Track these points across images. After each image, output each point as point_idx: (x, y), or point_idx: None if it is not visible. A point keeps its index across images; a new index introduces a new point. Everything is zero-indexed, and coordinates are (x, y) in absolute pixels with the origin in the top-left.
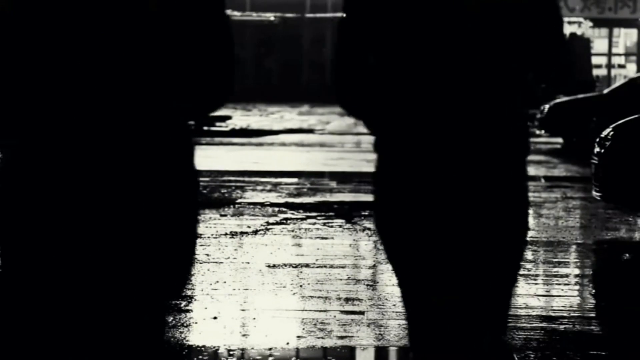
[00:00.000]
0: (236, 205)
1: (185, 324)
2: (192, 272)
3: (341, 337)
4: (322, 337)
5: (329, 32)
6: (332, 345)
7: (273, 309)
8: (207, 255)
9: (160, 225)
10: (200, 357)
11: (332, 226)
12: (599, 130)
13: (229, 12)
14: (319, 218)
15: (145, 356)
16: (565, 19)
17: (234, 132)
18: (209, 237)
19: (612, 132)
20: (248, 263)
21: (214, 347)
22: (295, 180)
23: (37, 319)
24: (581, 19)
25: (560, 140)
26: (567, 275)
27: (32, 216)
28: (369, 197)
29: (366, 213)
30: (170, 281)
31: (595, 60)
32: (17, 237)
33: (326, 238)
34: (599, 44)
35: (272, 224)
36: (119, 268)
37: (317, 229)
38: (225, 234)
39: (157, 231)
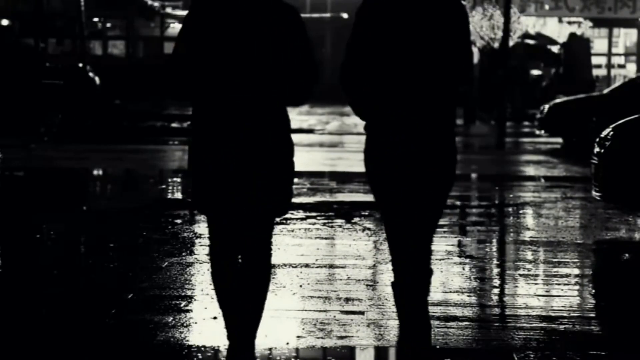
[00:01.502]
0: None
1: (185, 324)
2: (293, 193)
3: (341, 337)
4: (322, 337)
5: (329, 32)
6: (332, 345)
7: (273, 309)
8: (207, 255)
9: (279, 161)
10: (200, 357)
11: (332, 226)
12: (599, 130)
13: None
14: (319, 218)
15: None
16: (565, 19)
17: None
18: (209, 237)
19: (612, 132)
20: None
21: (214, 347)
22: (295, 180)
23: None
24: (581, 19)
25: (560, 140)
26: (567, 275)
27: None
28: (369, 198)
29: (366, 213)
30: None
31: (595, 60)
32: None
33: (326, 238)
34: (599, 44)
35: None
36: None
37: (317, 229)
38: None
39: (277, 166)
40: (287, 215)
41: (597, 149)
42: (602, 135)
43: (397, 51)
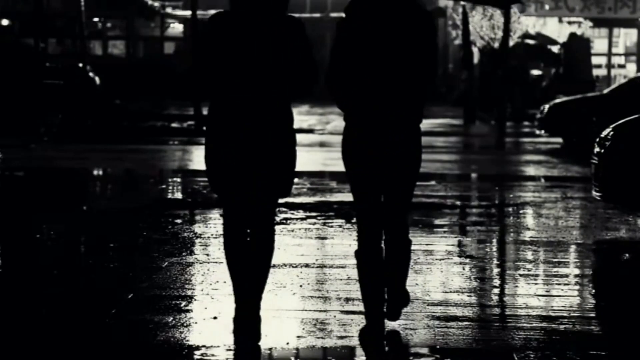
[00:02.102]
0: None
1: (185, 324)
2: (295, 175)
3: (341, 337)
4: (322, 337)
5: (329, 32)
6: (332, 345)
7: (273, 309)
8: (207, 255)
9: (283, 151)
10: (200, 357)
11: (332, 226)
12: (599, 130)
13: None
14: (319, 218)
15: None
16: (565, 19)
17: None
18: (209, 237)
19: (612, 132)
20: None
21: (214, 347)
22: (295, 180)
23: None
24: (581, 19)
25: (560, 140)
26: (567, 275)
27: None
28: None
29: None
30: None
31: (595, 60)
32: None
33: (326, 238)
34: (599, 44)
35: None
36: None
37: (317, 229)
38: None
39: (281, 154)
40: (287, 215)
41: (597, 149)
42: (602, 135)
43: (373, 57)
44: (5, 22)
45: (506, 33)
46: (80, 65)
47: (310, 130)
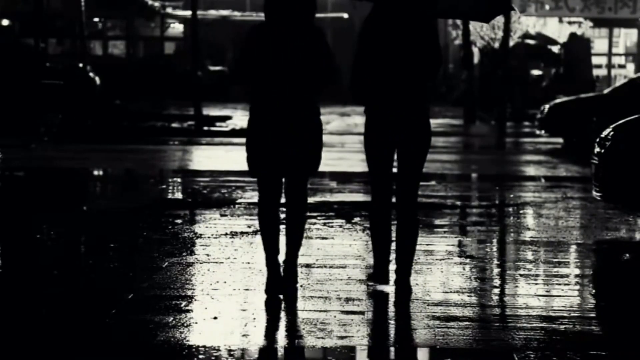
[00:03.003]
0: (236, 205)
1: (185, 324)
2: (322, 156)
3: (341, 337)
4: (322, 337)
5: (329, 32)
6: (332, 345)
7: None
8: (207, 255)
9: (310, 136)
10: (200, 357)
11: (332, 226)
12: (599, 130)
13: (228, 12)
14: (319, 218)
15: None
16: (565, 19)
17: (234, 132)
18: (209, 237)
19: (612, 132)
20: (248, 263)
21: (214, 347)
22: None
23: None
24: (581, 19)
25: (560, 140)
26: (567, 275)
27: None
28: (368, 198)
29: (366, 213)
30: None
31: (595, 60)
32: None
33: (326, 238)
34: (599, 44)
35: None
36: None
37: (317, 229)
38: (225, 234)
39: (308, 139)
40: None
41: (597, 149)
42: (602, 135)
43: (388, 59)
44: (5, 22)
45: (506, 33)
46: (80, 65)
47: None
